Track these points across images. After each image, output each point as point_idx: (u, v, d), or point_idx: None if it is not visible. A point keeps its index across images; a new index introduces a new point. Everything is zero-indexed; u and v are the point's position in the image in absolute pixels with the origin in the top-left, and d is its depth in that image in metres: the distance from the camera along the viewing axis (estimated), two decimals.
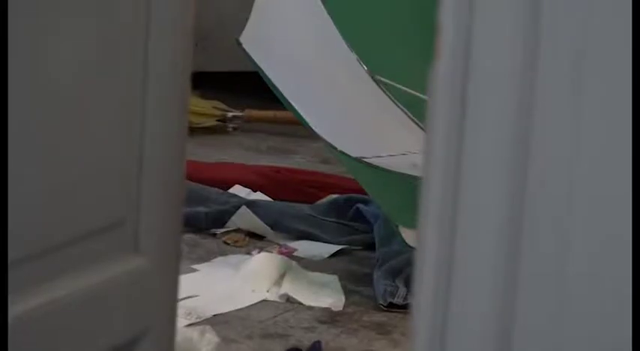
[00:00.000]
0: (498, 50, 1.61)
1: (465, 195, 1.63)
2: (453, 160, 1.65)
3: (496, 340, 1.65)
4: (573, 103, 1.55)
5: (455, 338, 1.68)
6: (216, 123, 5.67)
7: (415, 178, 4.15)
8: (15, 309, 2.04)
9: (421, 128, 4.52)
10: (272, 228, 4.72)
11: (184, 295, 3.20)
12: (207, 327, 3.80)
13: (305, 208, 4.89)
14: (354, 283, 4.43)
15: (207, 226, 4.52)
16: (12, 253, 2.04)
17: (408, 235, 4.23)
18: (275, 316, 4.16)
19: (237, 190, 4.97)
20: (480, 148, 1.64)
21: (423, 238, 1.65)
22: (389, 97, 4.68)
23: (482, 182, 1.65)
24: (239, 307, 4.17)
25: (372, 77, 4.69)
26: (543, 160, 1.61)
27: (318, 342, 3.92)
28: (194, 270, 4.09)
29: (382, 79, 4.71)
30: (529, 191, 1.64)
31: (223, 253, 4.53)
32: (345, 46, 4.72)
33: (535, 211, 1.63)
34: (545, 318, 1.62)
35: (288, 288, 4.30)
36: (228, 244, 4.59)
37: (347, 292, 4.36)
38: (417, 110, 4.66)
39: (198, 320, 3.80)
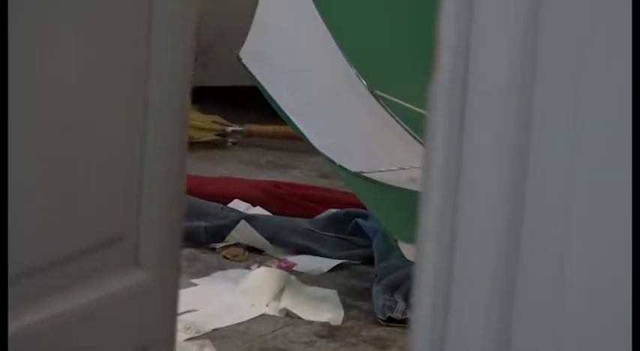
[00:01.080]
0: (497, 62, 1.63)
1: (463, 209, 1.65)
2: (452, 174, 1.66)
3: (494, 340, 1.67)
4: (571, 115, 1.57)
5: (453, 346, 1.68)
6: (215, 137, 5.67)
7: (414, 192, 4.13)
8: (15, 325, 2.03)
9: (420, 143, 4.57)
10: (271, 242, 4.71)
11: (184, 310, 3.18)
12: (207, 341, 3.85)
13: (304, 222, 4.90)
14: (353, 297, 4.45)
15: (207, 241, 4.50)
16: (12, 269, 2.03)
17: (406, 249, 4.21)
18: (274, 331, 4.17)
19: (237, 204, 4.97)
20: (479, 162, 1.66)
21: (422, 253, 1.66)
22: (388, 111, 4.75)
23: (481, 197, 1.66)
24: (238, 321, 4.17)
25: (371, 92, 4.72)
26: (541, 174, 1.62)
27: None
28: (193, 284, 4.08)
29: (381, 93, 4.74)
30: (527, 206, 1.64)
31: (223, 268, 4.54)
32: (345, 61, 4.76)
33: (533, 226, 1.63)
34: (542, 331, 1.64)
35: (287, 302, 4.33)
36: (227, 258, 4.59)
37: (346, 307, 4.37)
38: (415, 125, 4.70)
39: (197, 334, 3.79)
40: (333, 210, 5.00)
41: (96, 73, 2.25)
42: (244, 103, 5.42)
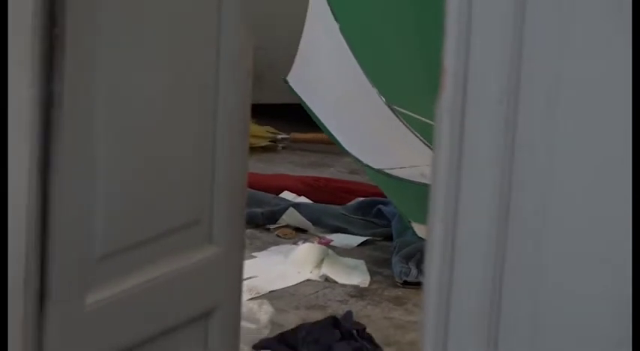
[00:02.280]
0: (487, 85, 1.65)
1: (463, 198, 1.68)
2: (454, 171, 1.68)
3: (489, 299, 1.70)
4: (549, 120, 1.61)
5: (456, 305, 1.71)
6: (269, 143, 5.62)
7: (423, 184, 4.13)
8: (121, 287, 2.15)
9: (428, 146, 4.48)
10: (313, 224, 4.71)
11: (247, 276, 3.15)
12: (265, 300, 3.81)
13: (338, 208, 4.87)
14: (377, 266, 4.40)
15: (263, 223, 4.51)
16: (120, 244, 2.16)
17: (418, 228, 4.27)
18: (316, 292, 4.20)
19: (286, 195, 4.95)
20: (476, 160, 1.68)
21: (432, 231, 1.70)
22: (402, 122, 4.67)
23: (476, 188, 1.69)
24: (288, 285, 4.19)
25: (389, 107, 4.66)
26: (523, 169, 1.65)
27: (350, 311, 3.86)
28: (254, 257, 4.07)
29: (397, 108, 4.68)
30: (514, 193, 1.65)
31: (276, 244, 4.53)
32: (368, 82, 4.68)
33: (518, 206, 1.65)
34: (525, 281, 1.65)
35: (326, 270, 4.33)
36: (279, 236, 4.58)
37: (371, 273, 4.35)
38: (424, 132, 4.60)
39: (257, 295, 3.80)
40: (361, 198, 4.94)
41: (179, 95, 2.31)
42: (290, 116, 5.33)
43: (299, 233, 4.76)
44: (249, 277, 3.64)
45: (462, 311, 1.72)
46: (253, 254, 4.09)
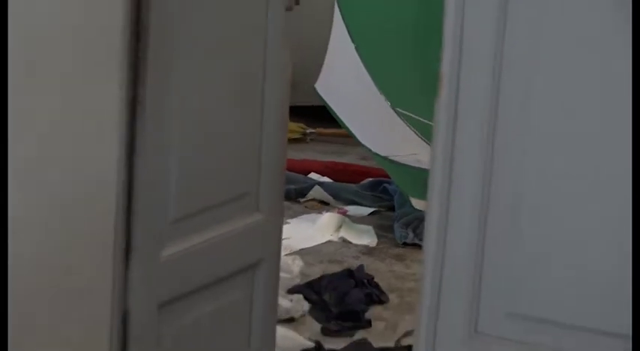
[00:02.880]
0: (475, 90, 1.72)
1: (455, 180, 1.77)
2: (448, 158, 1.78)
3: (474, 258, 1.78)
4: (523, 119, 1.68)
5: (448, 261, 1.81)
6: (300, 136, 5.63)
7: (418, 168, 4.21)
8: (188, 244, 2.17)
9: (421, 139, 4.47)
10: (333, 198, 4.71)
11: (283, 238, 3.02)
12: (297, 256, 3.81)
13: (353, 186, 4.84)
14: (383, 230, 4.38)
15: (295, 197, 4.52)
16: (188, 210, 2.18)
17: (414, 202, 4.22)
18: (336, 250, 4.15)
19: (313, 175, 4.95)
20: (464, 149, 1.76)
21: (430, 205, 1.82)
22: (403, 120, 4.63)
23: (465, 172, 1.77)
24: (314, 244, 4.17)
25: (393, 109, 4.64)
26: (502, 157, 1.72)
27: (361, 265, 3.85)
28: (288, 222, 4.03)
29: (399, 109, 4.63)
30: (494, 177, 1.73)
31: (305, 213, 4.53)
32: (377, 90, 4.67)
33: (497, 187, 1.73)
34: (502, 246, 1.72)
35: (343, 233, 4.29)
36: (307, 207, 4.58)
37: (378, 236, 4.31)
38: (418, 128, 4.57)
39: (291, 252, 3.79)
40: (370, 179, 4.92)
41: (235, 94, 2.28)
42: (317, 115, 5.31)
43: (323, 205, 4.74)
44: (285, 238, 3.51)
45: (453, 266, 1.81)
46: (288, 221, 4.02)
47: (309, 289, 3.67)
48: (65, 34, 2.04)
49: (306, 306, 3.58)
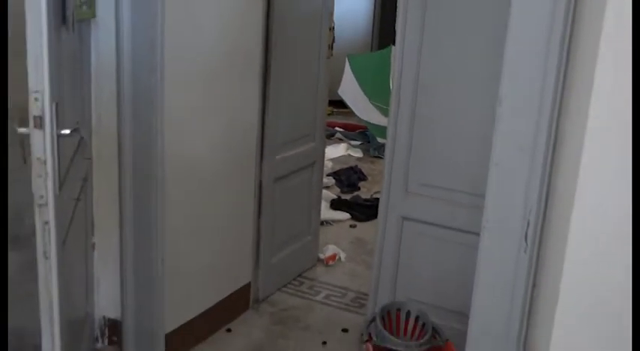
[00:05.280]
0: (407, 78, 1.92)
1: (398, 127, 2.02)
2: (393, 123, 2.06)
3: (406, 154, 2.03)
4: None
5: (395, 161, 2.04)
6: (330, 112, 5.50)
7: (381, 126, 4.59)
8: (285, 154, 2.48)
9: (383, 115, 4.92)
10: (345, 137, 5.05)
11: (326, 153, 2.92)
12: (330, 161, 4.35)
13: (353, 133, 5.22)
14: (365, 151, 4.95)
15: (328, 137, 4.33)
16: (285, 138, 2.39)
17: (379, 139, 4.72)
18: (345, 159, 4.76)
19: (337, 128, 5.27)
20: (403, 115, 1.99)
21: (388, 139, 2.06)
22: (375, 106, 5.19)
23: (404, 118, 1.97)
24: (337, 156, 4.76)
25: (371, 102, 5.19)
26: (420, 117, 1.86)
27: (356, 165, 4.41)
28: (327, 146, 3.55)
29: (375, 102, 5.16)
30: (418, 107, 1.89)
31: (334, 143, 5.01)
32: (365, 95, 5.26)
33: (420, 114, 1.88)
34: (419, 146, 1.93)
35: (349, 152, 4.88)
36: (334, 141, 4.97)
37: (363, 153, 4.89)
38: (381, 110, 4.96)
39: (327, 159, 4.02)
40: (360, 130, 5.22)
41: (306, 86, 2.53)
42: (337, 103, 5.41)
43: (339, 141, 5.08)
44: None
45: (397, 164, 2.09)
46: (327, 147, 3.53)
47: (334, 173, 4.12)
48: (233, 54, 2.08)
49: (332, 182, 3.96)
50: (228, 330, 2.25)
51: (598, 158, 0.96)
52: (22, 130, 1.17)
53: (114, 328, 1.96)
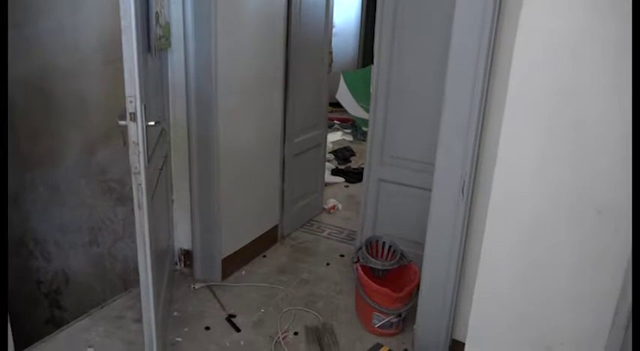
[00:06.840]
0: (382, 81, 1.72)
1: (374, 124, 1.87)
2: (373, 117, 1.93)
3: (382, 134, 1.84)
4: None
5: (374, 141, 1.88)
6: (330, 111, 4.96)
7: (364, 119, 4.30)
8: (300, 139, 2.35)
9: (366, 111, 4.50)
10: (341, 127, 4.62)
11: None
12: (330, 143, 4.01)
13: (346, 124, 4.64)
14: (353, 135, 4.55)
15: (329, 126, 4.29)
16: (302, 126, 2.26)
17: (364, 128, 4.36)
18: (341, 140, 4.37)
19: (335, 121, 4.71)
20: (378, 103, 1.81)
21: (375, 125, 1.90)
22: (360, 106, 4.76)
23: (378, 110, 1.83)
24: (335, 139, 4.31)
25: (359, 104, 4.80)
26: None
27: (349, 146, 4.11)
28: (328, 132, 3.67)
29: (360, 103, 4.76)
30: (390, 96, 1.68)
31: (333, 131, 4.62)
32: (354, 99, 4.84)
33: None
34: (392, 123, 1.66)
35: (343, 137, 4.51)
36: (333, 129, 4.58)
37: (352, 136, 4.50)
38: (365, 109, 4.53)
39: (328, 142, 3.78)
40: (350, 122, 4.68)
41: (314, 92, 2.35)
42: (335, 104, 4.79)
43: (337, 129, 4.55)
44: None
45: (375, 141, 1.95)
46: (328, 132, 3.55)
47: (334, 151, 3.85)
48: (263, 73, 2.00)
49: (332, 157, 3.69)
50: (264, 256, 2.26)
51: (512, 135, 1.01)
52: (122, 122, 1.19)
53: (187, 255, 2.00)
